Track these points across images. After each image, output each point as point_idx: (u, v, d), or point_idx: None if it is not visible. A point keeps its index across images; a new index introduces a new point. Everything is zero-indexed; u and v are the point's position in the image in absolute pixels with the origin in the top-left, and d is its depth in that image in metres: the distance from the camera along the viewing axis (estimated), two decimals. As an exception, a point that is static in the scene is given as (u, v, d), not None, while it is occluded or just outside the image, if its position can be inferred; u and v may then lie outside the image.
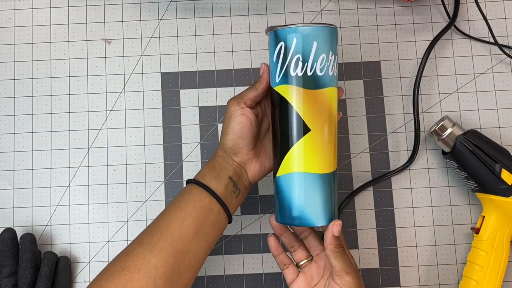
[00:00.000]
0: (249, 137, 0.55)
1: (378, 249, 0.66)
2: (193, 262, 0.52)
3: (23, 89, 0.69)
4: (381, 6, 0.70)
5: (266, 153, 0.58)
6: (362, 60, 0.69)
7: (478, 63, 0.69)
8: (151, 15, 0.71)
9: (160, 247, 0.51)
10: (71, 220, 0.67)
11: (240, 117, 0.55)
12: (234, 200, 0.56)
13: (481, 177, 0.61)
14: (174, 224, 0.52)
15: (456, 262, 0.65)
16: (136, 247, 0.51)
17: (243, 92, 0.56)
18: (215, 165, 0.56)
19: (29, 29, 0.70)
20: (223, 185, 0.55)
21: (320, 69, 0.52)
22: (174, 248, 0.51)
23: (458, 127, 0.63)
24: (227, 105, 0.56)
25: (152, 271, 0.49)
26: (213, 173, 0.55)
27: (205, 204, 0.54)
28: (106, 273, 0.50)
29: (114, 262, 0.51)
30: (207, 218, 0.53)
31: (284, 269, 0.58)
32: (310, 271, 0.57)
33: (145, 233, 0.53)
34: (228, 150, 0.56)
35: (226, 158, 0.56)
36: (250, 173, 0.57)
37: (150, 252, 0.50)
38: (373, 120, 0.68)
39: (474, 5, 0.69)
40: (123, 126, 0.68)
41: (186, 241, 0.52)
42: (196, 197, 0.54)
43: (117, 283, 0.49)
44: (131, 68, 0.70)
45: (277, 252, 0.58)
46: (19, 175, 0.67)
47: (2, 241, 0.61)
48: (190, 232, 0.52)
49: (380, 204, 0.66)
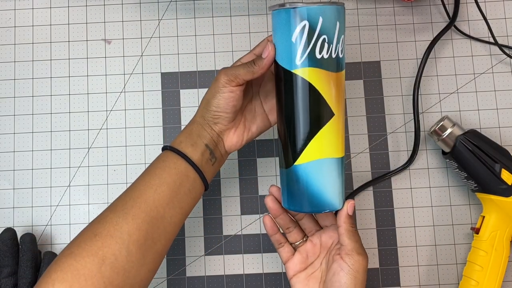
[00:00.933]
0: (232, 112, 0.55)
1: (378, 249, 0.66)
2: (168, 228, 0.52)
3: (23, 89, 0.69)
4: (381, 6, 0.70)
5: (245, 124, 0.57)
6: (362, 60, 0.69)
7: (478, 63, 0.69)
8: (151, 15, 0.71)
9: (133, 214, 0.50)
10: (71, 220, 0.67)
11: (227, 94, 0.54)
12: (211, 167, 0.55)
13: (481, 177, 0.61)
14: (148, 191, 0.51)
15: (456, 262, 0.65)
16: (109, 213, 0.51)
17: (238, 70, 0.54)
18: (192, 132, 0.55)
19: (29, 29, 0.70)
20: (199, 152, 0.54)
21: (341, 51, 0.51)
22: (147, 214, 0.50)
23: (458, 127, 0.63)
24: (218, 73, 0.54)
25: (125, 237, 0.49)
26: (190, 139, 0.54)
27: (180, 171, 0.53)
28: (77, 240, 0.49)
29: (86, 229, 0.50)
30: (182, 185, 0.53)
31: (279, 248, 0.58)
32: (306, 250, 0.57)
33: (119, 200, 0.52)
34: (208, 119, 0.55)
35: (204, 126, 0.55)
36: (227, 143, 0.56)
37: (123, 218, 0.49)
38: (373, 120, 0.68)
39: (474, 5, 0.69)
40: (123, 126, 0.68)
41: (161, 208, 0.51)
42: (172, 163, 0.53)
43: (89, 249, 0.48)
44: (131, 68, 0.70)
45: (272, 232, 0.57)
46: (19, 175, 0.67)
47: (2, 241, 0.61)
48: (164, 198, 0.51)
49: (380, 204, 0.66)
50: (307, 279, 0.56)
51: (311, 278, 0.56)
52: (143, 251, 0.49)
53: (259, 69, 0.53)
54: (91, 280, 0.46)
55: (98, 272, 0.47)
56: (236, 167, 0.67)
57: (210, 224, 0.66)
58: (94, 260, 0.47)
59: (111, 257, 0.48)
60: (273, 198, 0.56)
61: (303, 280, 0.56)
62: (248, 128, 0.57)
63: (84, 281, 0.46)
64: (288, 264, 0.57)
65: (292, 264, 0.57)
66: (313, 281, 0.56)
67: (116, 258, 0.48)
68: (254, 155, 0.68)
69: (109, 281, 0.47)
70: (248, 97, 0.58)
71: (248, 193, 0.67)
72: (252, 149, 0.68)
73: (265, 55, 0.53)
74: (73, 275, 0.46)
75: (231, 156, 0.67)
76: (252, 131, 0.58)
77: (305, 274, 0.57)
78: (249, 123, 0.58)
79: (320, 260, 0.56)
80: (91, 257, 0.47)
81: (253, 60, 0.54)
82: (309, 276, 0.56)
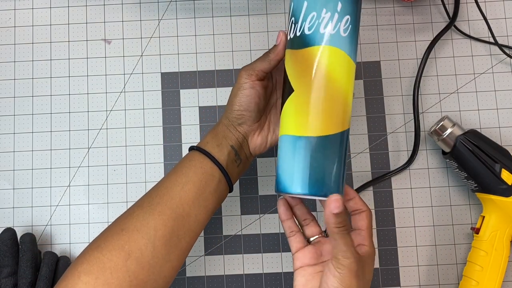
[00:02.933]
0: (255, 111, 0.55)
1: (378, 249, 0.66)
2: (193, 227, 0.52)
3: (23, 89, 0.69)
4: (381, 6, 0.70)
5: (270, 127, 0.58)
6: (362, 60, 0.69)
7: (478, 63, 0.69)
8: (151, 15, 0.71)
9: (159, 210, 0.50)
10: (71, 220, 0.67)
11: (249, 90, 0.55)
12: (236, 169, 0.56)
13: (481, 177, 0.61)
14: (174, 189, 0.52)
15: (456, 262, 0.65)
16: (136, 209, 0.51)
17: (256, 63, 0.56)
18: (218, 133, 0.56)
19: (29, 29, 0.70)
20: (225, 153, 0.55)
21: (308, 28, 0.50)
22: (173, 211, 0.51)
23: (458, 127, 0.63)
24: (239, 74, 0.56)
25: (151, 232, 0.49)
26: (216, 140, 0.55)
27: (206, 171, 0.53)
28: (105, 234, 0.50)
29: (113, 224, 0.51)
30: (208, 184, 0.53)
31: (290, 236, 0.54)
32: (322, 246, 0.54)
33: (146, 196, 0.53)
34: (232, 120, 0.56)
35: (229, 127, 0.56)
36: (252, 145, 0.57)
37: (149, 214, 0.50)
38: (373, 120, 0.68)
39: (474, 5, 0.69)
40: (123, 126, 0.68)
41: (186, 206, 0.52)
42: (198, 163, 0.54)
43: (116, 243, 0.48)
44: (131, 68, 0.70)
45: (285, 216, 0.54)
46: (19, 175, 0.67)
47: (2, 241, 0.61)
48: (190, 196, 0.52)
49: (380, 204, 0.66)
50: (313, 275, 0.52)
51: (317, 276, 0.52)
52: (168, 248, 0.50)
53: (274, 56, 0.55)
54: (117, 273, 0.47)
55: (124, 266, 0.48)
56: (236, 167, 0.67)
57: (210, 224, 0.66)
58: (120, 254, 0.48)
59: (137, 252, 0.48)
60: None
61: (309, 275, 0.52)
62: (272, 130, 0.58)
63: (109, 274, 0.47)
64: (297, 254, 0.53)
65: (302, 256, 0.53)
66: (318, 279, 0.52)
67: (142, 253, 0.48)
68: (254, 155, 0.68)
69: (134, 275, 0.48)
70: (273, 100, 0.59)
71: (248, 193, 0.67)
72: (252, 149, 0.68)
73: (277, 41, 0.55)
74: (99, 268, 0.47)
75: (231, 156, 0.67)
76: (277, 133, 0.58)
77: (313, 270, 0.52)
78: (273, 125, 0.58)
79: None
80: (117, 251, 0.48)
81: (267, 51, 0.55)
82: (316, 273, 0.52)
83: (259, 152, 0.58)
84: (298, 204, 0.55)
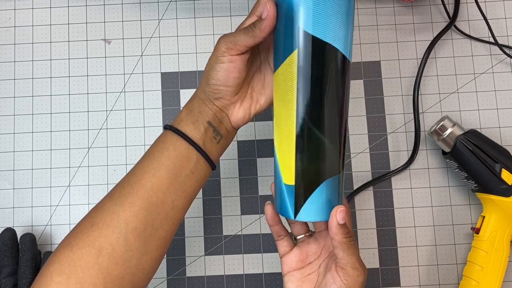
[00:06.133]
0: (234, 85, 0.50)
1: (378, 249, 0.66)
2: (170, 214, 0.49)
3: (23, 89, 0.69)
4: (381, 6, 0.70)
5: (252, 96, 0.53)
6: (362, 60, 0.69)
7: (478, 63, 0.69)
8: (151, 15, 0.71)
9: (130, 201, 0.48)
10: (71, 220, 0.67)
11: (227, 65, 0.49)
12: (216, 146, 0.52)
13: (481, 177, 0.61)
14: (146, 176, 0.49)
15: (456, 262, 0.65)
16: (107, 201, 0.49)
17: (238, 36, 0.48)
18: (193, 109, 0.51)
19: (29, 29, 0.70)
20: (202, 131, 0.50)
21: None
22: (146, 200, 0.48)
23: (458, 127, 0.62)
24: (217, 43, 0.50)
25: (122, 226, 0.47)
26: (191, 117, 0.51)
27: (180, 153, 0.49)
28: (75, 231, 0.48)
29: (84, 219, 0.49)
30: (183, 167, 0.49)
31: (278, 240, 0.54)
32: (307, 247, 0.53)
33: (117, 186, 0.50)
34: (208, 94, 0.51)
35: (205, 101, 0.51)
36: (233, 118, 0.52)
37: (119, 206, 0.47)
38: (373, 120, 0.68)
39: (474, 5, 0.69)
40: (123, 126, 0.68)
41: (160, 193, 0.48)
42: (171, 145, 0.50)
43: (86, 239, 0.46)
44: (131, 68, 0.70)
45: (273, 222, 0.53)
46: (19, 175, 0.67)
47: (2, 241, 0.61)
48: (163, 183, 0.49)
49: (380, 204, 0.66)
50: (301, 280, 0.52)
51: (306, 280, 0.52)
52: (143, 239, 0.47)
53: (259, 33, 0.48)
54: (88, 271, 0.46)
55: (95, 263, 0.46)
56: (236, 167, 0.67)
57: (210, 224, 0.66)
58: (90, 251, 0.46)
59: (108, 247, 0.46)
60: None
61: (297, 280, 0.52)
62: (256, 100, 0.53)
63: (81, 273, 0.46)
64: (284, 258, 0.53)
65: (289, 260, 0.53)
66: (307, 284, 0.52)
67: (114, 248, 0.46)
68: (254, 155, 0.68)
69: (107, 271, 0.46)
70: (256, 65, 0.53)
71: (248, 193, 0.67)
72: (252, 149, 0.68)
73: (264, 15, 0.47)
74: (70, 266, 0.46)
75: (231, 156, 0.67)
76: (261, 103, 0.53)
77: (300, 274, 0.53)
78: (257, 94, 0.53)
79: (319, 261, 0.53)
80: (88, 248, 0.46)
81: (253, 23, 0.48)
82: (305, 278, 0.52)
83: (243, 124, 0.53)
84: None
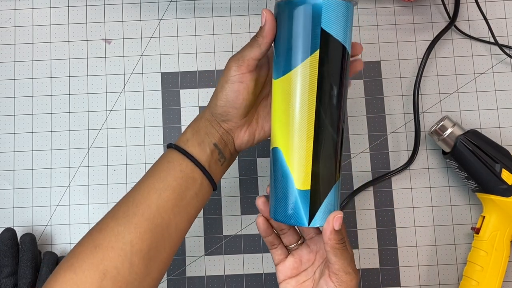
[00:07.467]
0: (243, 107, 0.50)
1: (378, 249, 0.66)
2: (173, 235, 0.48)
3: (23, 89, 0.69)
4: (381, 6, 0.70)
5: (258, 122, 0.53)
6: (362, 60, 0.69)
7: (478, 63, 0.69)
8: (151, 15, 0.71)
9: (136, 222, 0.46)
10: (71, 220, 0.66)
11: (237, 85, 0.49)
12: (219, 167, 0.51)
13: (481, 177, 0.61)
14: (151, 196, 0.48)
15: (456, 262, 0.65)
16: (110, 221, 0.47)
17: (244, 51, 0.49)
18: (199, 129, 0.51)
19: (29, 29, 0.70)
20: (208, 152, 0.50)
21: None
22: (151, 222, 0.47)
23: (458, 127, 0.62)
24: (226, 65, 0.50)
25: (127, 248, 0.46)
26: (197, 138, 0.50)
27: (186, 174, 0.49)
28: (77, 250, 0.46)
29: (86, 238, 0.47)
30: (188, 188, 0.49)
31: (272, 249, 0.54)
32: (301, 254, 0.53)
33: (121, 205, 0.48)
34: (216, 116, 0.51)
35: (213, 123, 0.51)
36: (237, 142, 0.52)
37: (124, 227, 0.46)
38: (373, 120, 0.68)
39: (474, 5, 0.69)
40: (123, 126, 0.68)
41: (165, 214, 0.47)
42: (177, 165, 0.49)
43: (89, 262, 0.45)
44: (131, 68, 0.70)
45: (266, 234, 0.53)
46: (19, 175, 0.67)
47: (2, 241, 0.61)
48: (169, 204, 0.48)
49: (380, 204, 0.66)
50: (297, 287, 0.52)
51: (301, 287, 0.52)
52: (146, 262, 0.47)
53: (263, 40, 0.48)
54: None
55: (99, 286, 0.45)
56: (236, 167, 0.67)
57: (210, 224, 0.66)
58: (95, 274, 0.45)
59: (113, 271, 0.45)
60: (264, 200, 0.53)
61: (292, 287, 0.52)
62: (261, 126, 0.53)
63: None
64: (279, 267, 0.53)
65: (283, 268, 0.53)
66: None
67: (118, 272, 0.45)
68: (254, 155, 0.68)
69: None
70: (265, 92, 0.54)
71: (248, 193, 0.67)
72: (252, 149, 0.68)
73: (262, 22, 0.48)
74: None
75: (231, 156, 0.67)
76: (265, 129, 0.53)
77: (295, 282, 0.52)
78: (262, 120, 0.53)
79: (314, 268, 0.52)
80: (92, 271, 0.45)
81: (254, 35, 0.49)
82: (300, 285, 0.52)
83: (245, 148, 0.53)
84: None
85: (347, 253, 0.48)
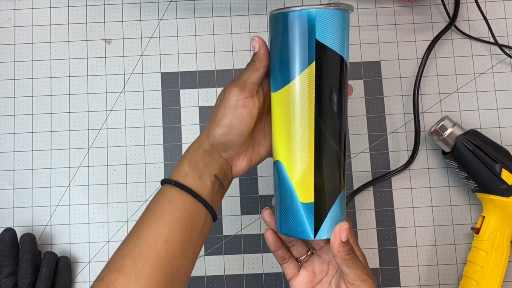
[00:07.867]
0: (245, 133, 0.48)
1: (378, 249, 0.66)
2: (183, 278, 0.46)
3: (23, 89, 0.69)
4: (381, 6, 0.70)
5: (254, 147, 0.52)
6: (362, 60, 0.69)
7: (478, 63, 0.69)
8: (151, 15, 0.71)
9: (147, 274, 0.44)
10: (71, 220, 0.66)
11: (240, 110, 0.47)
12: (219, 199, 0.50)
13: (481, 177, 0.61)
14: (159, 242, 0.45)
15: (456, 262, 0.65)
16: (117, 276, 0.44)
17: (244, 76, 0.48)
18: (197, 162, 0.48)
19: (29, 29, 0.70)
20: (209, 185, 0.48)
21: None
22: (162, 271, 0.44)
23: (458, 127, 0.62)
24: (227, 91, 0.48)
25: None
26: (196, 171, 0.48)
27: (190, 212, 0.47)
28: None
29: None
30: (194, 227, 0.47)
31: (283, 264, 0.52)
32: (313, 266, 0.52)
33: (125, 257, 0.45)
34: (217, 145, 0.49)
35: (212, 153, 0.49)
36: (235, 169, 0.51)
37: (135, 281, 0.43)
38: (373, 120, 0.68)
39: (474, 5, 0.69)
40: (123, 126, 0.68)
41: (174, 260, 0.45)
42: (180, 204, 0.46)
43: None
44: (131, 68, 0.70)
45: (275, 247, 0.52)
46: (19, 175, 0.67)
47: (2, 241, 0.61)
48: (177, 249, 0.45)
49: (380, 204, 0.66)
50: None
51: None
52: None
53: (259, 63, 0.48)
54: None
55: None
56: (236, 167, 0.67)
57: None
58: None
59: None
60: (270, 212, 0.52)
61: None
62: (257, 151, 0.52)
63: None
64: (293, 282, 0.52)
65: (298, 283, 0.52)
66: None
67: None
68: (254, 155, 0.68)
69: None
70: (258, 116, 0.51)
71: (248, 193, 0.67)
72: (252, 149, 0.68)
73: (256, 49, 0.49)
74: None
75: (231, 156, 0.67)
76: (261, 153, 0.52)
77: None
78: (257, 145, 0.52)
79: (329, 278, 0.51)
80: None
81: (250, 61, 0.50)
82: None
83: (241, 175, 0.52)
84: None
85: (359, 262, 0.47)
